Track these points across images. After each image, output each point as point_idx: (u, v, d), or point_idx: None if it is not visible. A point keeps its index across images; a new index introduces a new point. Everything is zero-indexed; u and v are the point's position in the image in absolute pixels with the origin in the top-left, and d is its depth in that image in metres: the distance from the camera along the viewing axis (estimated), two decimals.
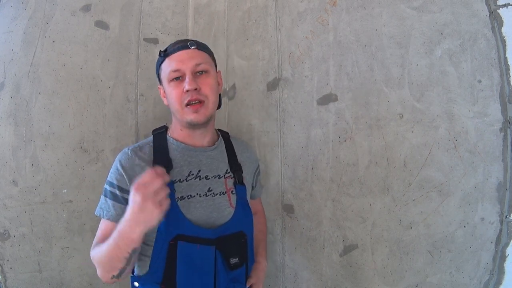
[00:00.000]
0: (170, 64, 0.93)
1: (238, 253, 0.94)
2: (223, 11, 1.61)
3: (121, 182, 0.89)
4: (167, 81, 0.94)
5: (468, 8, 0.99)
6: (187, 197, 0.91)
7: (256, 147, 1.48)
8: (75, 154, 1.35)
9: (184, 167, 0.94)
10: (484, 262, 0.97)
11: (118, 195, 0.88)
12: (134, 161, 0.91)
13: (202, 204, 0.92)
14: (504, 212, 0.95)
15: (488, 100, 0.97)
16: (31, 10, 1.29)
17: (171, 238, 0.86)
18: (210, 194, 0.95)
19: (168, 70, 0.93)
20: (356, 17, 1.20)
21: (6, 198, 1.23)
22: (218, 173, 0.99)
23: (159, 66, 0.97)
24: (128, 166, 0.90)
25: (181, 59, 0.92)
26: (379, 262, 1.15)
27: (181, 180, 0.93)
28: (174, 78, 0.92)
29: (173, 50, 0.94)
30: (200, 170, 0.96)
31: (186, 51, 0.93)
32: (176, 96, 0.91)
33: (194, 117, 0.91)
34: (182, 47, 0.94)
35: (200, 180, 0.95)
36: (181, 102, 0.91)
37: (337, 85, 1.25)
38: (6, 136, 1.24)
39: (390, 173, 1.12)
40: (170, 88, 0.93)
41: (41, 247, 1.27)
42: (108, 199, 0.89)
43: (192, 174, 0.94)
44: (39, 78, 1.29)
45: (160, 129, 1.01)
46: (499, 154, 0.96)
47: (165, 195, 0.76)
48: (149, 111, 1.54)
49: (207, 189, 0.95)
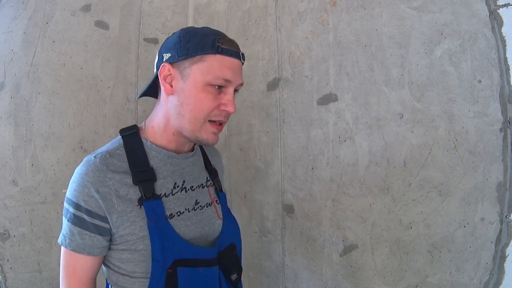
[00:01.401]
0: (222, 69, 0.74)
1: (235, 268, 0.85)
2: (223, 11, 1.61)
3: (91, 204, 0.69)
4: (203, 82, 0.73)
5: (468, 8, 0.99)
6: (176, 214, 0.77)
7: (256, 147, 1.48)
8: (75, 154, 1.35)
9: (168, 177, 0.78)
10: (484, 262, 0.97)
11: (85, 221, 0.69)
12: (106, 175, 0.71)
13: (192, 220, 0.79)
14: (504, 212, 0.95)
15: (488, 100, 0.97)
16: (31, 10, 1.29)
17: (169, 266, 0.71)
18: (198, 207, 0.82)
19: (216, 73, 0.73)
20: (356, 17, 1.20)
21: (6, 198, 1.23)
22: (201, 182, 0.86)
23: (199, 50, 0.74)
24: (100, 182, 0.70)
25: (235, 70, 0.76)
26: (379, 262, 1.15)
27: (167, 194, 0.77)
28: (216, 86, 0.74)
29: (229, 51, 0.75)
30: (184, 180, 0.81)
31: (239, 63, 0.78)
32: (209, 107, 0.74)
33: (212, 138, 0.78)
34: (236, 55, 0.77)
35: (186, 192, 0.81)
36: (208, 116, 0.75)
37: (337, 85, 1.25)
38: (6, 136, 1.24)
39: (390, 173, 1.12)
40: (204, 94, 0.74)
41: (41, 247, 1.27)
42: (71, 224, 0.70)
43: (177, 186, 0.79)
44: (39, 78, 1.29)
45: (131, 129, 0.80)
46: (499, 154, 0.96)
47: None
48: (149, 111, 1.53)
49: (194, 201, 0.82)
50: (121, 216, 0.71)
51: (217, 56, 0.74)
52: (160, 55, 0.79)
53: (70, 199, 0.71)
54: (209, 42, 0.74)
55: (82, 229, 0.70)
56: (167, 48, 0.78)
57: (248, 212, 1.51)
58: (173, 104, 0.77)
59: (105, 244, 0.72)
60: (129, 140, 0.78)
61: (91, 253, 0.71)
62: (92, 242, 0.71)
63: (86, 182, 0.70)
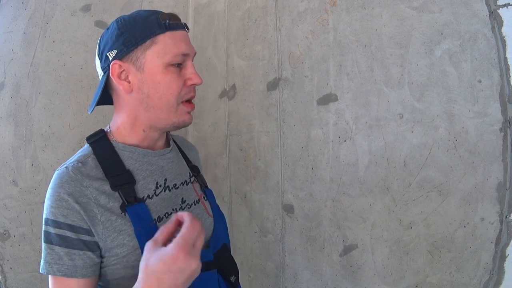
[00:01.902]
0: (177, 44, 0.69)
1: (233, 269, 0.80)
2: (223, 11, 1.61)
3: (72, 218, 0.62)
4: (162, 64, 0.68)
5: (468, 8, 0.99)
6: (164, 215, 0.71)
7: (256, 147, 1.48)
8: None
9: (148, 178, 0.72)
10: (484, 262, 0.97)
11: (71, 238, 0.62)
12: (83, 183, 0.65)
13: None
14: (504, 212, 0.95)
15: (488, 100, 0.97)
16: (31, 10, 1.29)
17: None
18: (186, 206, 0.77)
19: (174, 50, 0.69)
20: (356, 17, 1.20)
21: (6, 198, 1.23)
22: (184, 179, 0.80)
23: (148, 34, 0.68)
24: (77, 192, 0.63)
25: (187, 42, 0.72)
26: (379, 262, 1.15)
27: (151, 196, 0.71)
28: (176, 64, 0.70)
29: (175, 25, 0.71)
30: (166, 178, 0.75)
31: (186, 33, 0.74)
32: (177, 87, 0.70)
33: (188, 118, 0.74)
34: (182, 27, 0.73)
35: (170, 191, 0.75)
36: (179, 97, 0.70)
37: (337, 85, 1.25)
38: (6, 136, 1.24)
39: (390, 173, 1.12)
40: (168, 76, 0.69)
41: (41, 247, 1.27)
42: (56, 246, 0.62)
43: (160, 186, 0.73)
44: (39, 78, 1.29)
45: (97, 134, 0.74)
46: (499, 154, 0.96)
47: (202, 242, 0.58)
48: None
49: (181, 200, 0.76)
50: (106, 227, 0.64)
51: (167, 33, 0.69)
52: (103, 56, 0.72)
53: (49, 219, 0.63)
54: (154, 23, 0.69)
55: (69, 249, 0.62)
56: (109, 45, 0.70)
57: (248, 212, 1.51)
58: (137, 99, 0.71)
59: (97, 261, 0.65)
60: (98, 145, 0.72)
61: (85, 275, 0.62)
62: (84, 261, 0.62)
63: (62, 194, 0.63)
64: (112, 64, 0.69)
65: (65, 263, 0.62)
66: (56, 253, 0.62)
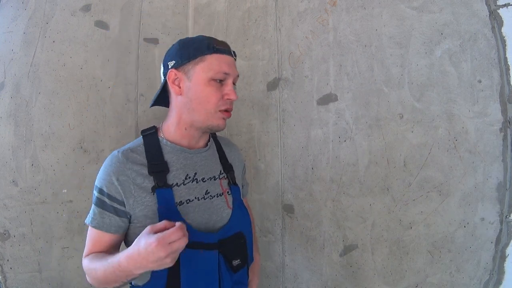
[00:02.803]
0: (220, 64, 0.87)
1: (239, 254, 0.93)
2: (223, 11, 1.61)
3: (111, 190, 0.83)
4: (206, 78, 0.86)
5: (468, 8, 0.99)
6: (186, 201, 0.88)
7: (256, 147, 1.48)
8: (75, 154, 1.35)
9: (180, 170, 0.90)
10: (484, 262, 0.97)
11: (106, 203, 0.84)
12: (126, 165, 0.85)
13: (201, 208, 0.90)
14: (504, 212, 0.95)
15: (488, 100, 0.97)
16: (31, 10, 1.29)
17: None
18: (208, 197, 0.92)
19: (216, 68, 0.86)
20: (356, 17, 1.20)
21: (6, 198, 1.23)
22: (213, 175, 0.96)
23: (198, 53, 0.87)
24: (120, 172, 0.84)
25: (230, 64, 0.89)
26: (379, 262, 1.15)
27: (179, 184, 0.89)
28: (218, 80, 0.87)
29: (223, 50, 0.89)
30: (196, 172, 0.92)
31: (231, 58, 0.91)
32: (216, 99, 0.87)
33: (222, 123, 0.90)
34: (229, 53, 0.91)
35: (197, 183, 0.92)
36: (217, 106, 0.88)
37: (337, 85, 1.25)
38: (6, 136, 1.24)
39: (390, 173, 1.12)
40: (209, 88, 0.87)
41: (41, 247, 1.27)
42: (95, 206, 0.85)
43: (189, 177, 0.91)
44: (39, 78, 1.29)
45: (150, 129, 0.94)
46: (499, 154, 0.96)
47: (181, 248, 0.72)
48: (149, 111, 1.54)
49: (205, 191, 0.92)
50: (137, 200, 0.83)
51: (214, 55, 0.87)
52: (165, 65, 0.92)
53: (97, 186, 0.85)
54: (205, 45, 0.88)
55: (102, 210, 0.84)
56: (170, 57, 0.91)
57: None
58: (183, 102, 0.89)
59: (121, 224, 0.85)
60: (148, 139, 0.92)
61: (109, 230, 0.84)
62: (110, 221, 0.84)
63: (109, 171, 0.84)
64: (169, 71, 0.90)
65: (97, 218, 0.84)
66: (93, 211, 0.85)
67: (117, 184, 0.83)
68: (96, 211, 0.85)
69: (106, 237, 0.85)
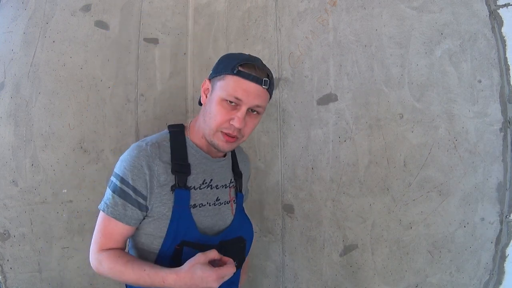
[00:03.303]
0: (235, 88, 0.85)
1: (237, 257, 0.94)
2: (223, 11, 1.61)
3: (138, 183, 0.83)
4: (220, 97, 0.86)
5: (468, 8, 0.99)
6: (199, 205, 0.91)
7: (256, 147, 1.48)
8: (75, 154, 1.35)
9: (200, 174, 0.93)
10: (484, 262, 0.97)
11: (131, 196, 0.83)
12: (154, 161, 0.85)
13: (210, 213, 0.93)
14: (504, 212, 0.95)
15: (488, 100, 0.97)
16: (31, 10, 1.29)
17: (178, 243, 0.86)
18: (218, 204, 0.95)
19: (229, 90, 0.85)
20: (356, 17, 1.20)
21: (6, 198, 1.23)
22: (225, 183, 0.99)
23: (223, 71, 0.87)
24: (149, 166, 0.84)
25: (249, 92, 0.85)
26: (379, 262, 1.15)
27: (196, 187, 0.91)
28: (229, 101, 0.85)
29: (247, 75, 0.85)
30: (212, 179, 0.95)
31: (257, 87, 0.86)
32: (221, 119, 0.86)
33: (222, 145, 0.89)
34: (256, 81, 0.86)
35: (211, 189, 0.95)
36: (219, 126, 0.87)
37: (337, 85, 1.25)
38: (6, 136, 1.24)
39: (390, 173, 1.12)
40: (218, 107, 0.86)
41: (41, 247, 1.27)
42: (116, 196, 0.84)
43: (205, 183, 0.93)
44: (39, 78, 1.29)
45: (178, 127, 0.95)
46: (499, 154, 0.96)
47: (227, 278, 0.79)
48: (149, 111, 1.54)
49: (216, 198, 0.95)
50: (157, 197, 0.85)
51: (234, 77, 0.86)
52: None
53: (119, 175, 0.84)
54: (231, 65, 0.87)
55: (126, 202, 0.83)
56: (213, 67, 0.94)
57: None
58: (203, 111, 0.92)
59: (140, 217, 0.86)
60: (175, 136, 0.93)
61: (129, 223, 0.84)
62: (132, 214, 0.84)
63: (138, 163, 0.84)
64: (205, 80, 0.94)
65: (118, 209, 0.83)
66: (114, 201, 0.84)
67: (146, 178, 0.83)
68: (118, 201, 0.83)
69: (123, 228, 0.85)
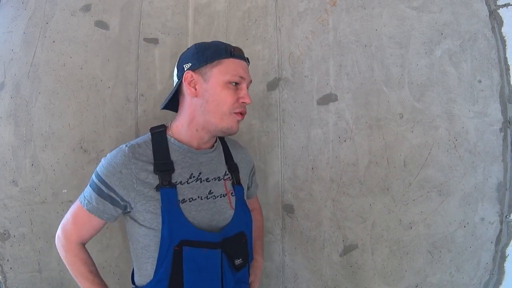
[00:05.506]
0: (237, 68, 0.91)
1: (241, 254, 0.94)
2: (223, 11, 1.61)
3: (111, 180, 0.87)
4: (223, 81, 0.90)
5: (468, 8, 0.99)
6: (188, 200, 0.90)
7: (256, 147, 1.48)
8: (75, 154, 1.35)
9: (185, 169, 0.93)
10: (484, 262, 0.97)
11: (103, 191, 0.87)
12: (131, 160, 0.88)
13: (203, 207, 0.91)
14: (504, 212, 0.95)
15: (488, 100, 0.97)
16: (31, 10, 1.29)
17: (176, 244, 0.84)
18: (211, 197, 0.94)
19: (233, 72, 0.90)
20: (356, 17, 1.20)
21: (6, 198, 1.23)
22: (218, 175, 0.98)
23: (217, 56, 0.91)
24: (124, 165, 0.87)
25: (245, 69, 0.94)
26: (379, 262, 1.15)
27: (182, 182, 0.91)
28: (234, 83, 0.91)
29: (238, 55, 0.93)
30: (200, 172, 0.94)
31: (246, 64, 0.96)
32: (231, 100, 0.90)
33: (235, 126, 0.93)
34: (243, 58, 0.95)
35: (201, 182, 0.94)
36: (232, 108, 0.91)
37: (337, 85, 1.25)
38: (6, 136, 1.24)
39: (390, 173, 1.12)
40: (225, 91, 0.90)
41: (41, 247, 1.27)
42: (93, 191, 0.89)
43: (193, 177, 0.93)
44: (39, 78, 1.29)
45: (159, 128, 0.97)
46: (499, 154, 0.96)
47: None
48: (149, 111, 1.54)
49: (208, 191, 0.94)
50: (139, 194, 0.87)
51: (230, 59, 0.91)
52: (180, 67, 0.95)
53: (97, 172, 0.89)
54: (223, 49, 0.92)
55: (99, 197, 0.87)
56: (186, 60, 0.94)
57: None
58: (198, 104, 0.92)
59: (113, 213, 0.89)
60: (156, 136, 0.94)
61: (100, 216, 0.88)
62: (104, 209, 0.88)
63: (113, 163, 0.87)
64: (185, 73, 0.92)
65: (92, 203, 0.88)
66: (90, 195, 0.89)
67: (119, 176, 0.86)
68: (92, 196, 0.88)
69: (95, 221, 0.89)
